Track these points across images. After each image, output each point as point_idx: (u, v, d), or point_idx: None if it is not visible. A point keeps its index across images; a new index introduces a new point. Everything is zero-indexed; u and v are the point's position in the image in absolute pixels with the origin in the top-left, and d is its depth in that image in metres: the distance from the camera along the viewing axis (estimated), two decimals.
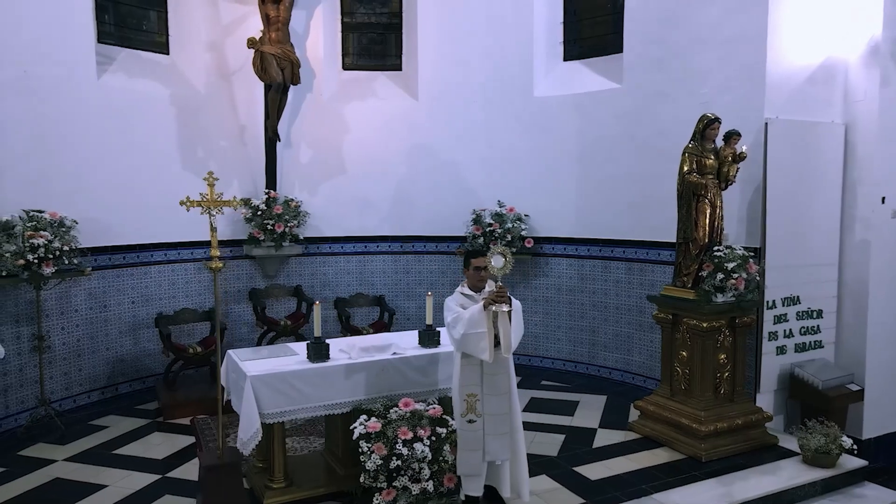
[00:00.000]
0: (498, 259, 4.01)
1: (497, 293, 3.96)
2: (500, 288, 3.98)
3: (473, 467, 4.12)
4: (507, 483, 4.24)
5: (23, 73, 5.93)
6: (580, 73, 7.63)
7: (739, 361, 5.43)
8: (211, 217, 4.32)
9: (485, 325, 3.96)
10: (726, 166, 5.35)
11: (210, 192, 4.34)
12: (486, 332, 3.96)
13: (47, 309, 6.22)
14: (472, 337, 3.97)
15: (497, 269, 4.00)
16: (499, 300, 3.94)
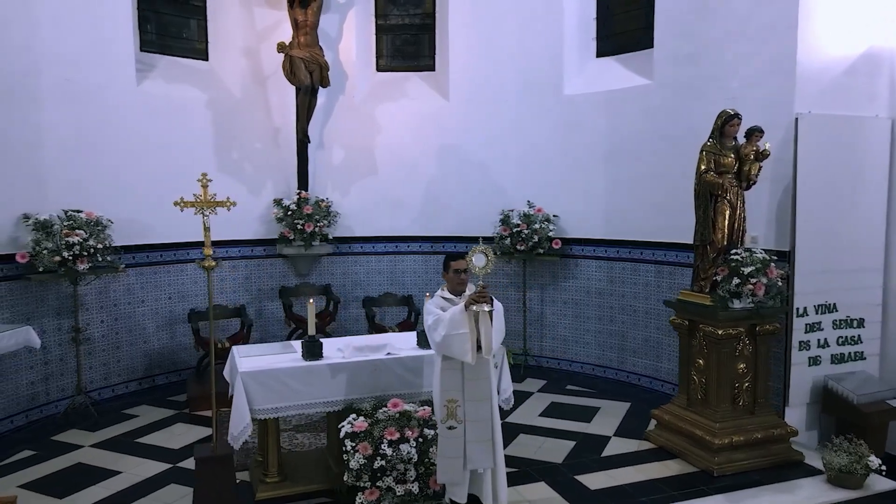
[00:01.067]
0: (480, 258, 3.95)
1: (479, 293, 3.90)
2: (481, 288, 3.92)
3: (455, 475, 4.06)
4: (490, 492, 4.15)
5: (65, 81, 6.31)
6: (612, 70, 7.41)
7: (761, 371, 5.12)
8: (204, 217, 4.41)
9: (467, 326, 3.90)
10: (747, 165, 5.07)
11: (204, 193, 4.47)
12: (468, 332, 3.90)
13: (87, 303, 6.60)
14: (455, 338, 3.92)
15: (479, 268, 3.95)
16: (480, 300, 3.88)
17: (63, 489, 4.67)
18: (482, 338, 3.91)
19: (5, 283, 5.85)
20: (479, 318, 3.90)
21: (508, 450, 5.32)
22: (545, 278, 7.86)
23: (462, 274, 4.17)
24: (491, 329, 3.90)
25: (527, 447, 5.41)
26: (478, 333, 3.92)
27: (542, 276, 7.88)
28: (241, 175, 7.80)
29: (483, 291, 3.90)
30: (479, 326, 3.92)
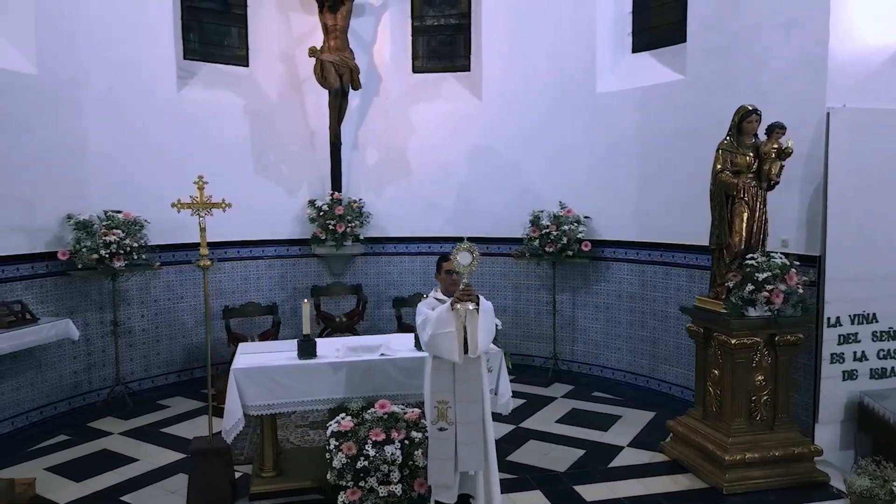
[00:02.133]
0: (465, 256, 3.90)
1: (463, 291, 3.85)
2: (466, 286, 3.87)
3: (445, 477, 4.02)
4: (482, 494, 4.10)
5: (108, 90, 6.71)
6: (646, 66, 7.13)
7: (782, 384, 4.79)
8: (200, 218, 4.56)
9: (453, 325, 3.86)
10: (768, 163, 4.75)
11: (200, 195, 4.63)
12: (454, 332, 3.86)
13: (129, 298, 7.00)
14: (441, 337, 3.89)
15: (463, 267, 3.90)
16: (465, 298, 3.83)
17: (82, 473, 4.97)
18: (469, 337, 3.85)
19: (50, 278, 6.28)
20: (467, 318, 3.85)
21: (513, 455, 5.26)
22: (576, 281, 7.66)
23: (454, 275, 4.13)
24: (477, 328, 3.83)
25: (533, 454, 5.30)
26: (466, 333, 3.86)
27: (573, 279, 7.69)
28: (277, 177, 8.04)
29: (467, 290, 3.85)
30: (466, 326, 3.86)
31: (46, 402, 6.28)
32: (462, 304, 3.79)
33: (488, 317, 3.90)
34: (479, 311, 3.84)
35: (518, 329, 8.10)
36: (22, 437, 5.78)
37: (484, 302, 3.93)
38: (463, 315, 3.83)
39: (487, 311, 3.91)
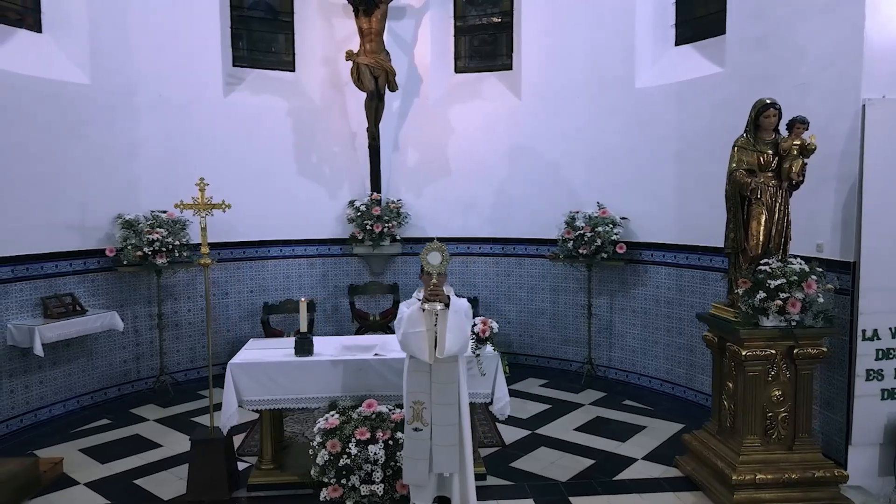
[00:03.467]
0: (434, 255, 3.90)
1: (431, 291, 3.83)
2: (434, 285, 3.85)
3: (419, 477, 4.02)
4: (458, 496, 4.06)
5: (158, 97, 7.15)
6: (688, 59, 6.77)
7: (803, 401, 4.40)
8: (201, 218, 4.75)
9: (423, 324, 3.87)
10: (788, 161, 4.38)
11: (200, 196, 4.82)
12: (424, 331, 3.86)
13: (176, 293, 7.43)
14: (412, 336, 3.90)
15: (433, 266, 3.89)
16: (432, 298, 3.81)
17: (109, 456, 5.33)
18: (438, 337, 3.83)
19: (101, 273, 6.77)
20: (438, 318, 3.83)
21: (519, 461, 5.16)
22: (614, 284, 7.39)
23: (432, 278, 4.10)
24: (445, 328, 3.79)
25: (538, 461, 5.16)
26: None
27: (610, 282, 7.42)
28: (319, 178, 8.27)
29: (435, 289, 3.83)
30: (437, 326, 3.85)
31: (98, 388, 6.77)
32: (430, 303, 3.76)
33: (459, 317, 3.84)
34: (450, 312, 3.79)
35: (556, 333, 7.92)
36: (71, 419, 6.26)
37: (457, 302, 3.88)
38: (434, 315, 3.80)
39: (458, 311, 3.85)
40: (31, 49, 6.28)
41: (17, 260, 5.96)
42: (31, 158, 6.09)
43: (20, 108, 5.99)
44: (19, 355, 5.91)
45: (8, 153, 5.87)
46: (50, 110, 6.25)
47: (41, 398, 6.21)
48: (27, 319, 5.95)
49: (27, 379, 6.07)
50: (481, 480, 4.77)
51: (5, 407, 5.87)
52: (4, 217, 5.82)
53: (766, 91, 5.46)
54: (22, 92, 6.00)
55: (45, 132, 6.21)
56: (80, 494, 4.66)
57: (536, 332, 8.06)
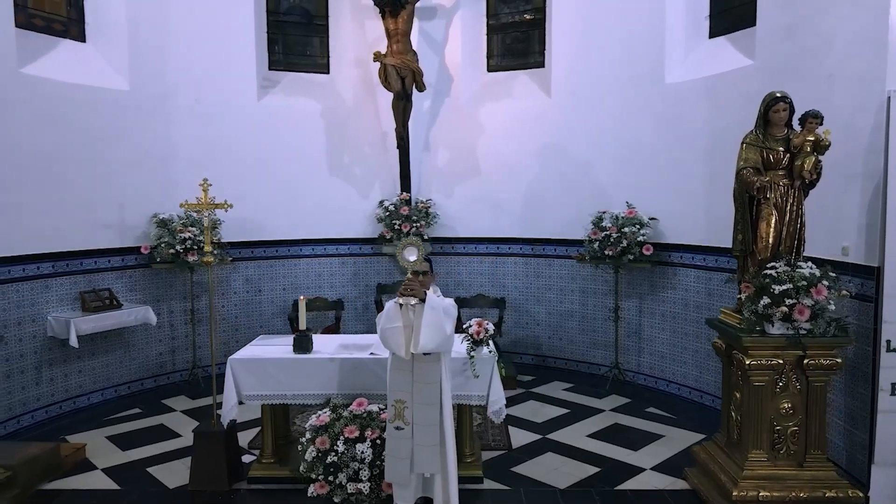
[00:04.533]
0: (411, 251, 3.90)
1: (405, 285, 3.83)
2: (409, 280, 3.85)
3: (400, 476, 4.03)
4: (440, 497, 4.04)
5: (194, 101, 7.45)
6: (721, 52, 6.46)
7: (815, 415, 4.12)
8: (204, 218, 4.90)
9: (400, 320, 3.88)
10: (801, 158, 4.11)
11: (204, 197, 4.98)
12: (400, 327, 3.87)
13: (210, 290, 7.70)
14: (389, 332, 3.92)
15: (409, 263, 3.89)
16: (406, 293, 3.81)
17: (131, 444, 5.60)
18: (413, 332, 3.82)
19: (139, 270, 7.12)
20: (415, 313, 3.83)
21: (521, 466, 5.07)
22: (643, 287, 7.15)
23: (419, 276, 4.11)
24: (421, 324, 3.77)
25: (542, 466, 5.05)
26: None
27: (639, 285, 7.18)
28: (351, 178, 8.40)
29: (409, 284, 3.83)
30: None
31: (134, 379, 7.12)
32: (404, 298, 3.76)
33: (436, 314, 3.80)
34: (426, 307, 3.77)
35: (585, 336, 7.73)
36: (106, 407, 6.62)
37: (434, 299, 3.85)
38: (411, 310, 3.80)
39: (436, 308, 3.81)
40: (74, 58, 6.66)
41: (57, 256, 6.34)
42: (73, 161, 6.46)
43: (63, 115, 6.36)
44: (59, 346, 6.29)
45: (51, 157, 6.25)
46: (91, 116, 6.61)
47: (80, 387, 6.59)
48: (66, 312, 6.33)
49: (66, 368, 6.46)
50: (478, 483, 4.74)
51: (45, 394, 6.26)
52: (47, 216, 6.20)
53: (795, 83, 5.17)
54: (65, 99, 6.37)
55: (86, 136, 6.58)
56: (95, 479, 4.91)
57: (566, 335, 7.90)
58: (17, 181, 5.94)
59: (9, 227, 5.86)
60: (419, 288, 3.84)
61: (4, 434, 5.80)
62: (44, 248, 6.22)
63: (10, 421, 5.91)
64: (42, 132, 6.16)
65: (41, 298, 6.21)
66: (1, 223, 5.78)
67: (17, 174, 5.95)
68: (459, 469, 4.69)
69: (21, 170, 5.98)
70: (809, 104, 4.66)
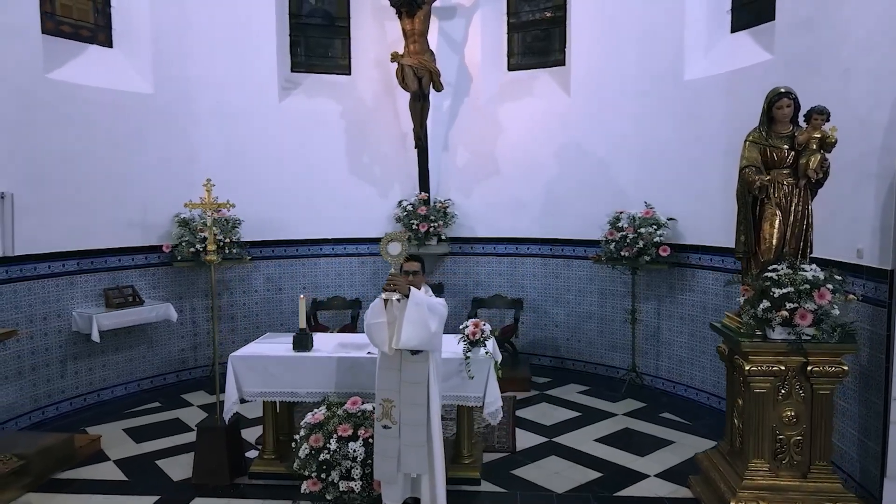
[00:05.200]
0: (395, 246, 3.92)
1: (389, 280, 3.84)
2: (392, 275, 3.85)
3: (388, 475, 4.04)
4: (427, 497, 4.03)
5: (216, 104, 7.62)
6: (742, 46, 6.26)
7: (820, 424, 3.94)
8: (207, 217, 5.00)
9: (384, 315, 3.90)
10: (806, 156, 3.94)
11: (207, 196, 5.07)
12: (384, 322, 3.89)
13: (232, 287, 7.89)
14: (374, 327, 3.96)
15: (392, 257, 3.91)
16: (387, 287, 3.82)
17: (145, 436, 5.77)
18: (395, 328, 3.83)
19: (161, 268, 7.33)
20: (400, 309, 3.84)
21: (522, 469, 5.02)
22: (661, 289, 6.98)
23: (409, 275, 4.11)
24: (403, 320, 3.77)
25: (543, 470, 4.98)
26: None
27: (657, 287, 7.02)
28: (370, 178, 8.45)
29: (392, 279, 3.83)
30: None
31: (157, 373, 7.34)
32: (387, 293, 3.77)
33: (420, 310, 3.78)
34: (409, 303, 3.77)
35: (603, 338, 7.60)
36: (128, 400, 6.83)
37: (419, 295, 3.83)
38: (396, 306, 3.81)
39: (420, 304, 3.79)
40: (101, 63, 6.90)
41: (82, 254, 6.58)
42: (99, 162, 6.70)
43: (89, 117, 6.60)
44: (83, 340, 6.52)
45: (78, 158, 6.49)
46: (116, 118, 6.84)
47: (104, 380, 6.83)
48: (90, 308, 6.56)
49: (91, 362, 6.69)
50: (475, 485, 4.71)
51: (70, 386, 6.50)
52: (73, 215, 6.44)
53: (813, 78, 5.00)
54: (91, 103, 6.61)
55: (111, 138, 6.81)
56: (105, 469, 5.08)
57: (584, 337, 7.78)
58: (43, 182, 6.19)
59: (36, 227, 6.10)
60: (402, 284, 3.84)
61: (30, 424, 6.05)
62: (69, 246, 6.46)
63: (35, 412, 6.16)
64: (68, 135, 6.40)
65: (66, 294, 6.46)
66: (28, 222, 6.02)
67: (43, 175, 6.19)
68: (456, 470, 4.73)
69: (48, 171, 6.23)
70: (826, 100, 4.50)
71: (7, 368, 5.89)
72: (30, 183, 6.04)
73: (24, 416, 6.05)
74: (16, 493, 4.58)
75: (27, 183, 6.01)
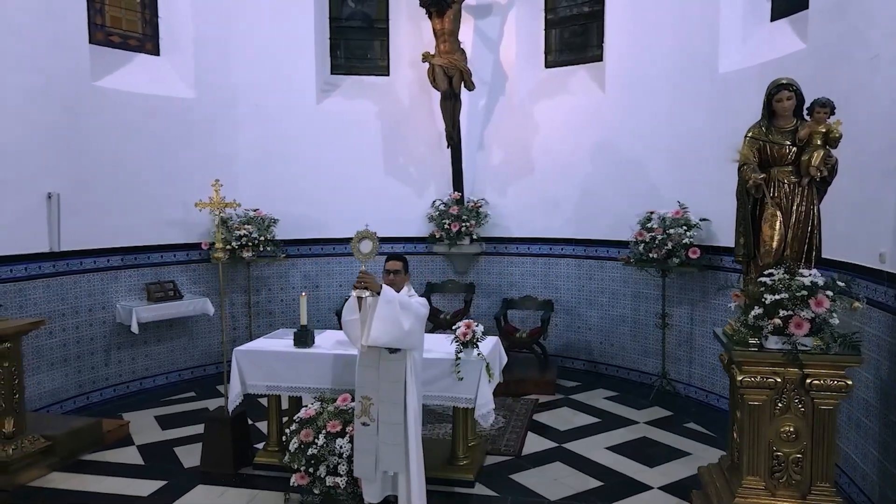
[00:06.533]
0: (366, 244, 3.97)
1: (359, 278, 3.87)
2: (361, 272, 3.88)
3: (366, 472, 4.06)
4: (403, 496, 4.03)
5: (255, 107, 7.92)
6: (781, 36, 5.88)
7: (823, 442, 3.64)
8: (215, 216, 5.19)
9: (356, 312, 3.96)
10: (808, 152, 3.66)
11: (215, 196, 5.26)
12: (357, 319, 3.94)
13: (270, 284, 8.17)
14: (348, 324, 4.05)
15: (363, 255, 3.96)
16: (358, 285, 3.85)
17: (171, 424, 6.08)
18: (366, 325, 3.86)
19: (202, 264, 7.69)
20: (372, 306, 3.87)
21: (521, 474, 4.93)
22: (694, 293, 6.66)
23: (390, 275, 4.14)
24: (374, 317, 3.79)
25: (542, 476, 4.87)
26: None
27: (690, 291, 6.70)
28: (406, 178, 8.53)
29: (362, 276, 3.86)
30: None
31: (197, 365, 7.70)
32: (358, 290, 3.80)
33: (391, 308, 3.78)
34: (380, 300, 3.78)
35: (636, 343, 7.34)
36: (167, 389, 7.22)
37: (390, 293, 3.84)
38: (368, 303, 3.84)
39: (391, 301, 3.79)
40: (147, 70, 7.32)
41: (126, 251, 7.01)
42: (143, 164, 7.11)
43: (134, 122, 7.01)
44: (126, 331, 6.92)
45: (122, 160, 6.91)
46: (160, 122, 7.23)
47: (146, 369, 7.24)
48: (133, 301, 6.97)
49: (133, 352, 7.12)
50: (468, 487, 4.68)
51: (113, 374, 6.94)
52: (118, 214, 6.87)
53: (843, 67, 4.68)
54: (136, 108, 7.02)
55: (155, 141, 7.21)
56: (127, 453, 5.39)
57: (617, 341, 7.54)
58: (90, 183, 6.63)
59: (83, 224, 6.54)
60: (373, 281, 3.85)
61: (74, 409, 6.50)
62: (114, 242, 6.89)
63: (80, 396, 6.62)
64: (113, 138, 6.83)
65: (111, 288, 6.89)
66: (76, 221, 6.46)
67: (91, 176, 6.63)
68: (451, 472, 4.72)
69: (95, 172, 6.66)
70: (854, 90, 4.22)
71: (53, 355, 6.35)
72: (77, 184, 6.47)
73: (69, 399, 6.50)
74: (42, 471, 4.93)
75: (74, 184, 6.44)
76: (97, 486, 4.79)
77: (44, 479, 4.88)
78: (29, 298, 6.10)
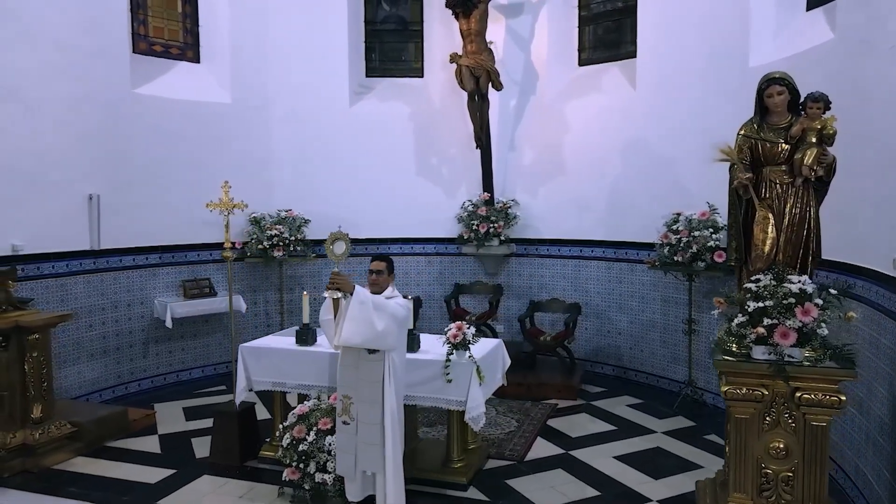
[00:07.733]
0: (339, 245, 4.02)
1: (331, 279, 3.92)
2: (333, 274, 3.93)
3: (347, 470, 4.12)
4: (381, 496, 4.05)
5: (290, 110, 8.15)
6: (814, 26, 5.53)
7: (814, 459, 3.40)
8: (225, 216, 5.36)
9: (331, 312, 4.02)
10: (801, 150, 3.43)
11: (225, 197, 5.44)
12: (331, 319, 4.02)
13: (303, 283, 8.38)
14: (323, 324, 4.16)
15: (336, 256, 4.01)
16: (330, 286, 3.90)
17: (196, 415, 6.35)
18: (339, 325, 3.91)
19: (238, 263, 7.96)
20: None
21: (518, 480, 4.87)
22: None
23: (373, 275, 4.19)
24: (345, 317, 3.84)
25: (539, 483, 4.77)
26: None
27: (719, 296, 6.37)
28: (438, 179, 8.56)
29: (334, 278, 3.91)
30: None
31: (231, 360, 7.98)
32: (330, 291, 3.85)
33: (364, 309, 3.82)
34: (352, 301, 3.81)
35: (665, 349, 7.07)
36: (202, 382, 7.54)
37: (363, 294, 3.88)
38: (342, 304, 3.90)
39: (365, 302, 3.83)
40: (188, 77, 7.67)
41: (164, 249, 7.37)
42: (182, 167, 7.45)
43: (172, 127, 7.36)
44: (163, 326, 7.26)
45: (161, 163, 7.27)
46: (197, 127, 7.57)
47: (182, 362, 7.59)
48: (169, 297, 7.32)
49: (171, 345, 7.47)
50: (461, 491, 4.65)
51: (151, 366, 7.31)
52: (156, 214, 7.22)
53: (868, 58, 4.36)
54: (174, 113, 7.37)
55: (193, 145, 7.54)
56: (148, 442, 5.67)
57: (647, 347, 7.29)
58: (130, 184, 7.00)
59: (123, 224, 6.93)
60: (345, 282, 3.89)
61: (112, 398, 6.89)
62: (152, 241, 7.26)
63: (118, 386, 7.01)
64: (153, 143, 7.19)
65: (149, 284, 7.27)
66: (116, 220, 6.85)
67: (130, 178, 7.01)
68: (444, 474, 4.72)
69: (133, 174, 7.04)
70: (877, 83, 3.93)
71: (93, 347, 6.75)
72: (116, 185, 6.86)
73: (108, 389, 6.90)
74: (68, 455, 5.26)
75: (114, 186, 6.83)
76: (114, 471, 5.06)
77: (68, 463, 5.20)
78: (70, 293, 6.52)
